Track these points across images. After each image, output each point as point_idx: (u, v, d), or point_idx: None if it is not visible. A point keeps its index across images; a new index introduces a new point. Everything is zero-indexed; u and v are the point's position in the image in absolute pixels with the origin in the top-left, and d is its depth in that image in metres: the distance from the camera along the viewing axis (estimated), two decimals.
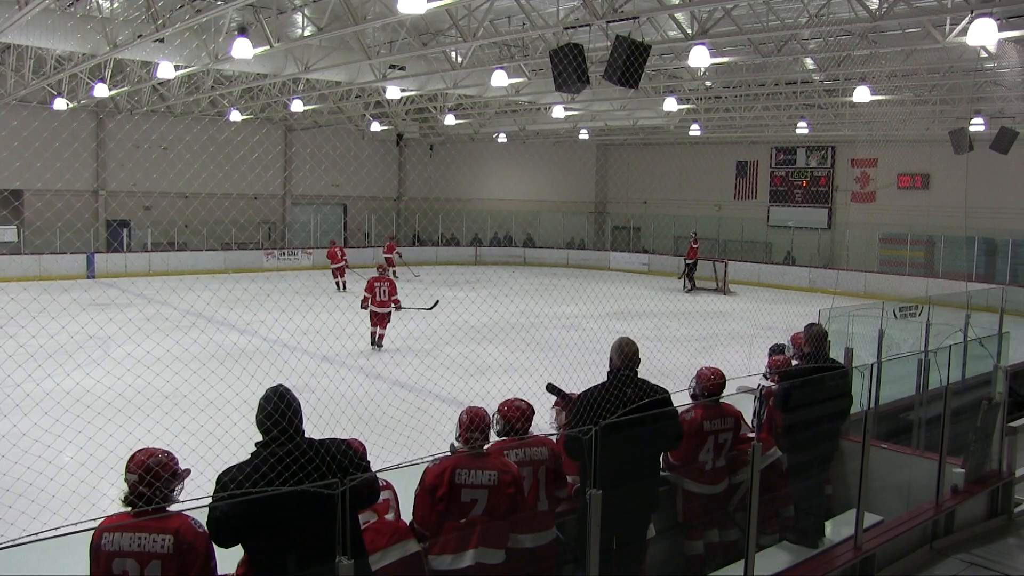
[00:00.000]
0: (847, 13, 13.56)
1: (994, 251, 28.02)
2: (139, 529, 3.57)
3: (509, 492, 4.51)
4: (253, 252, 33.06)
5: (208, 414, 8.71)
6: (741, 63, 18.22)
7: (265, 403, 3.84)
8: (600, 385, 5.05)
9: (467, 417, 4.68)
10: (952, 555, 6.13)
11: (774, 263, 32.91)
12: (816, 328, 6.50)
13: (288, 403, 3.82)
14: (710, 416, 5.81)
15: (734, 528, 5.85)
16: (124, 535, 3.55)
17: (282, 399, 3.82)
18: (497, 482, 4.49)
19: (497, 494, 4.48)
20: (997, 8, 11.82)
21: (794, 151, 34.32)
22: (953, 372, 7.34)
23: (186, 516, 3.67)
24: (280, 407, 3.79)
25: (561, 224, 39.55)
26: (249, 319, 18.01)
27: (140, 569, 3.53)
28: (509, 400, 5.12)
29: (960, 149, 19.44)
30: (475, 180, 39.34)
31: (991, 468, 6.92)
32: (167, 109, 28.32)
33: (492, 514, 4.46)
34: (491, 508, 4.46)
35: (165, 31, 14.31)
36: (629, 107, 26.12)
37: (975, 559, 6.08)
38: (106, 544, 3.54)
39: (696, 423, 5.75)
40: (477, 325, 16.49)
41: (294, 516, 3.63)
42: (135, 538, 3.55)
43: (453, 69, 18.77)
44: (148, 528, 3.58)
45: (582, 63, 11.36)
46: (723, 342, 16.92)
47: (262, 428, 3.83)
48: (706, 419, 5.78)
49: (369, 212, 37.72)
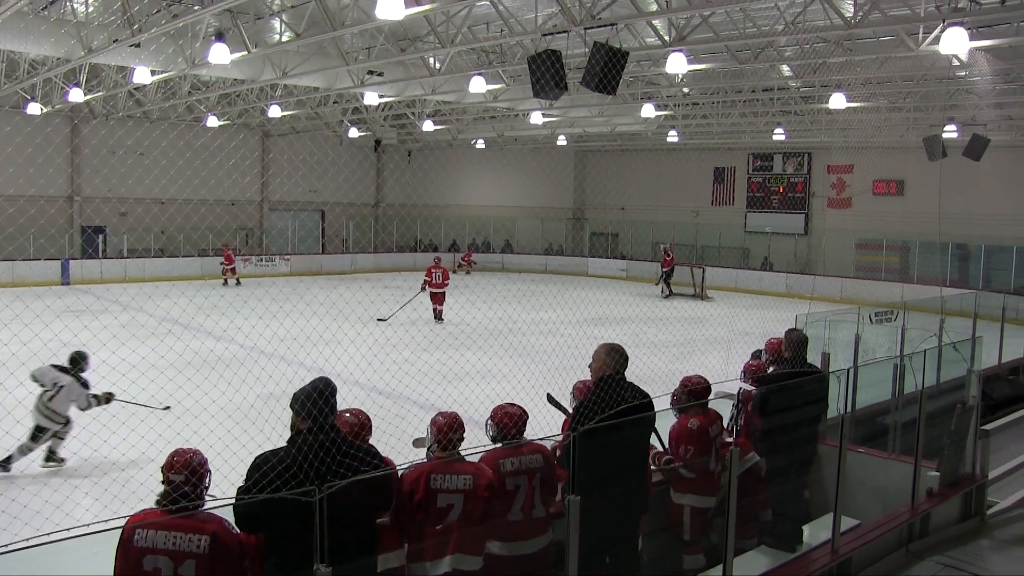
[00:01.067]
0: (823, 21, 13.70)
1: (967, 256, 28.35)
2: (175, 528, 3.63)
3: (484, 496, 4.49)
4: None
5: (184, 421, 8.65)
6: (718, 70, 18.33)
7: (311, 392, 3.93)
8: (597, 391, 5.01)
9: (443, 421, 4.67)
10: (927, 557, 6.18)
11: (751, 268, 33.11)
12: (796, 333, 6.54)
13: (327, 398, 3.93)
14: (711, 422, 5.87)
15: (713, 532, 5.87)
16: (159, 532, 3.61)
17: (327, 388, 3.95)
18: (472, 486, 4.47)
19: (473, 499, 4.45)
20: (968, 18, 12.01)
21: (771, 157, 34.55)
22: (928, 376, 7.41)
23: (222, 518, 3.74)
24: (325, 394, 3.91)
25: (539, 230, 39.60)
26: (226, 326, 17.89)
27: (174, 567, 3.58)
28: (501, 405, 5.07)
29: (934, 156, 19.65)
30: (453, 186, 39.31)
31: (965, 471, 6.99)
32: (143, 114, 28.10)
33: (468, 519, 4.45)
34: (467, 513, 4.44)
35: (141, 36, 14.21)
36: (607, 113, 26.22)
37: (949, 561, 6.14)
38: (139, 540, 3.59)
39: (704, 431, 5.79)
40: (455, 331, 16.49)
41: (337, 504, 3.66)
42: (171, 536, 3.60)
43: (431, 75, 18.77)
44: (185, 527, 3.63)
45: (560, 69, 11.40)
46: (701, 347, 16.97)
47: (299, 416, 3.93)
48: (709, 426, 5.85)
49: (347, 218, 37.61)
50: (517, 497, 4.69)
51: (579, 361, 8.40)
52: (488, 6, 14.27)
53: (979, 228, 27.09)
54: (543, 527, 4.81)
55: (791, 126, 26.68)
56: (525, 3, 14.60)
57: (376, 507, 4.14)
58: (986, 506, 7.06)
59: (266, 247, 35.34)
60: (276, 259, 33.83)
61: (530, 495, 4.73)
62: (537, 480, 4.77)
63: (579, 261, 37.57)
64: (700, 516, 5.78)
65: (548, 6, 13.89)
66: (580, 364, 5.45)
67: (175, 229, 30.93)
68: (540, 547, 4.76)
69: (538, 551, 4.75)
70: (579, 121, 28.45)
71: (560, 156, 39.11)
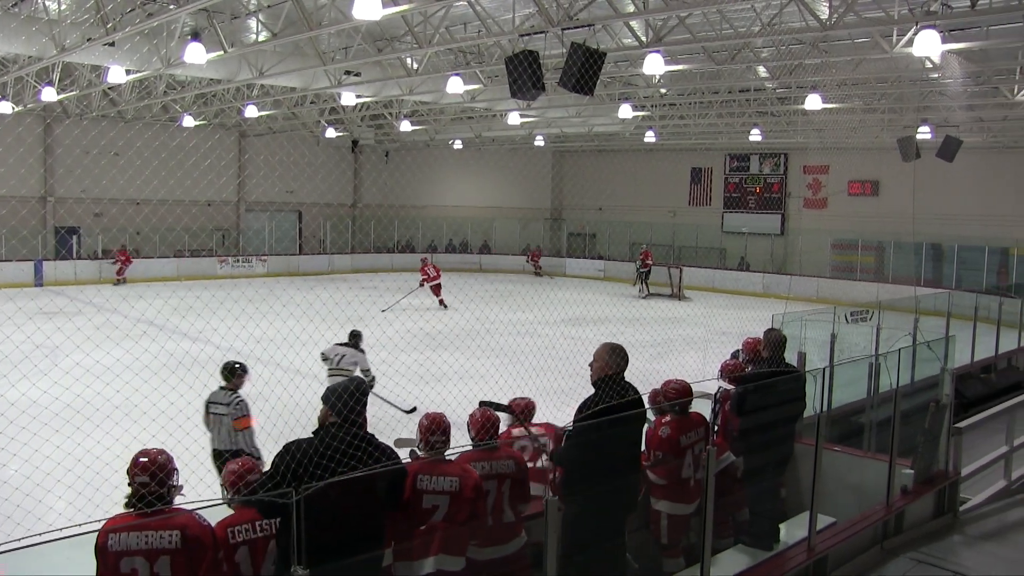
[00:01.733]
0: (798, 23, 13.78)
1: (941, 256, 28.66)
2: (145, 528, 3.70)
3: (469, 498, 4.50)
4: (206, 259, 32.64)
5: (160, 424, 8.57)
6: (695, 71, 18.40)
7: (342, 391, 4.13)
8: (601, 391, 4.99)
9: (427, 422, 4.70)
10: (901, 554, 6.23)
11: (728, 269, 33.29)
12: (774, 333, 6.58)
13: (359, 397, 4.13)
14: (684, 430, 5.81)
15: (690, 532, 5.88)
16: (131, 534, 3.67)
17: (359, 388, 4.18)
18: (459, 488, 4.49)
19: (458, 500, 4.47)
20: (940, 21, 12.15)
21: (747, 158, 34.75)
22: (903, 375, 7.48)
23: (190, 512, 3.82)
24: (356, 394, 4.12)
25: (517, 231, 39.60)
26: (202, 327, 17.75)
27: (149, 566, 3.65)
28: (477, 410, 5.14)
29: (908, 157, 19.86)
30: (431, 187, 39.25)
31: (938, 468, 7.07)
32: (118, 114, 27.82)
33: (452, 520, 4.46)
34: (451, 514, 4.46)
35: (115, 35, 14.06)
36: (584, 114, 26.25)
37: (923, 557, 6.20)
38: (112, 545, 3.64)
39: (674, 440, 5.75)
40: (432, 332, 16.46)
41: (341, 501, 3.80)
42: (142, 536, 3.67)
43: (409, 75, 18.71)
44: (154, 526, 3.71)
45: (537, 70, 11.41)
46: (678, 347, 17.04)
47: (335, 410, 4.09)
48: (681, 434, 5.79)
49: (324, 219, 37.46)
50: (488, 501, 4.71)
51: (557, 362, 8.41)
52: (465, 6, 14.25)
53: (952, 228, 27.41)
54: (515, 531, 4.83)
55: (767, 127, 26.84)
56: (502, 3, 14.60)
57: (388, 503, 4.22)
58: (959, 503, 7.14)
59: (242, 248, 35.11)
60: (253, 260, 33.63)
61: (499, 500, 4.75)
62: (507, 485, 4.79)
63: (557, 261, 37.60)
64: (678, 522, 5.78)
65: (525, 7, 13.88)
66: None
67: (150, 230, 30.67)
68: (514, 550, 4.78)
69: (511, 554, 4.76)
70: (557, 121, 28.47)
71: (538, 156, 39.13)
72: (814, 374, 6.51)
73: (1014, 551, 6.24)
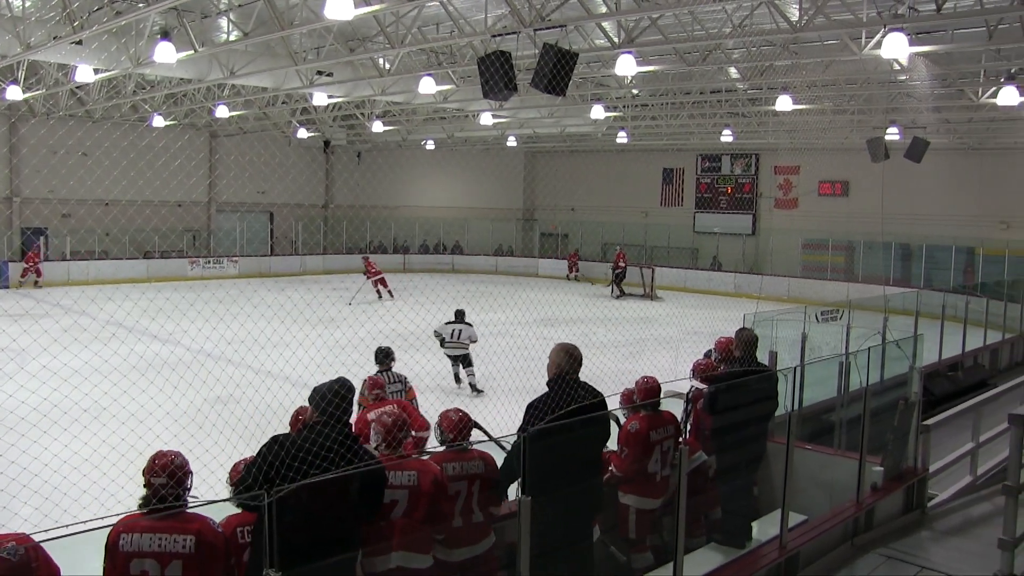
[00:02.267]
0: (769, 24, 13.89)
1: (910, 256, 28.99)
2: (159, 530, 3.67)
3: (428, 492, 4.51)
4: (177, 260, 32.32)
5: (130, 427, 8.48)
6: (667, 72, 18.49)
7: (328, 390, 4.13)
8: (552, 392, 5.04)
9: (389, 420, 4.81)
10: (871, 550, 6.30)
11: (700, 269, 33.46)
12: (746, 333, 6.63)
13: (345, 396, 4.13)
14: (654, 426, 5.87)
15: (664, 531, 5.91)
16: (144, 536, 3.64)
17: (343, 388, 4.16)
18: (416, 482, 4.51)
19: (416, 494, 4.49)
20: (907, 24, 12.31)
21: (719, 158, 34.95)
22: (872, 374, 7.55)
23: (205, 517, 3.79)
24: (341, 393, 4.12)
25: (489, 231, 39.57)
26: (172, 329, 17.59)
27: (161, 569, 3.62)
28: (446, 411, 5.16)
29: (877, 157, 20.12)
30: (403, 187, 39.13)
31: (907, 465, 7.15)
32: (86, 113, 27.49)
33: (412, 515, 4.48)
34: (411, 509, 4.48)
35: (83, 33, 13.89)
36: (557, 114, 26.30)
37: (892, 553, 6.26)
38: (124, 545, 3.61)
39: (643, 434, 5.81)
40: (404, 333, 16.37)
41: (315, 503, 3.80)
42: (156, 539, 3.64)
43: (381, 76, 18.65)
44: (169, 529, 3.68)
45: (510, 71, 11.42)
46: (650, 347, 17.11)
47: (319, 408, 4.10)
48: (651, 429, 5.85)
49: (295, 219, 37.22)
50: (458, 502, 4.72)
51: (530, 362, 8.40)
52: (438, 7, 14.22)
53: (920, 228, 27.77)
54: (484, 531, 4.84)
55: (739, 128, 27.02)
56: (475, 4, 14.58)
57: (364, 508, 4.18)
58: (927, 498, 7.23)
59: (213, 249, 34.81)
60: (224, 261, 33.34)
61: (469, 501, 4.76)
62: (477, 486, 4.80)
63: (529, 262, 37.63)
64: (645, 516, 5.82)
65: (498, 7, 13.88)
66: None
67: (119, 231, 30.31)
68: (483, 550, 4.79)
69: (481, 554, 4.77)
70: (529, 122, 28.50)
71: (510, 157, 39.14)
72: (785, 373, 6.55)
73: (979, 545, 6.32)
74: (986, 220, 27.06)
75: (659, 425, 5.90)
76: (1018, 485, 5.38)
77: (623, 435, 5.85)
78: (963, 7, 12.98)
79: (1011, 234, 26.52)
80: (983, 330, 16.06)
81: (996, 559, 5.37)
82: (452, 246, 39.75)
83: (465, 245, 39.78)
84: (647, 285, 29.19)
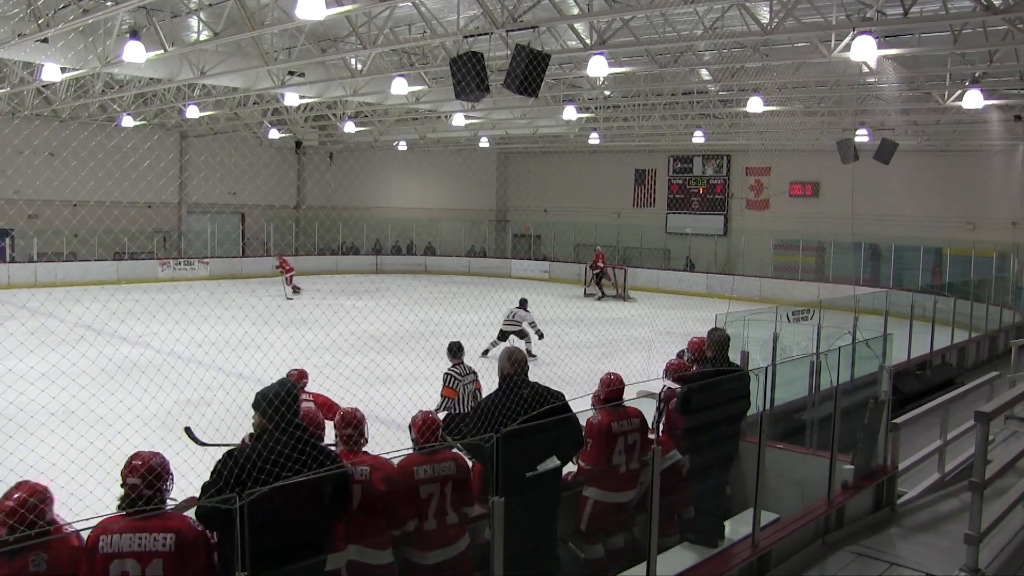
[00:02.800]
0: (740, 27, 13.99)
1: (879, 256, 29.33)
2: (139, 530, 3.65)
3: (379, 490, 4.54)
4: (147, 262, 31.98)
5: (98, 430, 8.38)
6: (639, 73, 18.57)
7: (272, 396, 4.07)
8: (496, 392, 5.16)
9: (341, 419, 4.88)
10: (842, 548, 6.36)
11: (672, 269, 33.62)
12: (718, 333, 6.66)
13: (283, 398, 4.04)
14: (616, 418, 5.90)
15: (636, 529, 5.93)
16: (123, 536, 3.62)
17: (283, 389, 4.09)
18: (368, 477, 4.56)
19: (371, 488, 4.52)
20: (876, 27, 12.47)
21: (691, 159, 35.14)
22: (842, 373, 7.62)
23: (184, 516, 3.78)
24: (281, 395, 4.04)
25: (462, 232, 39.54)
26: (141, 331, 17.40)
27: (141, 569, 3.61)
28: (418, 413, 5.19)
29: (847, 159, 20.33)
30: (375, 188, 38.98)
31: (877, 463, 7.23)
32: (53, 113, 27.13)
33: (367, 511, 4.50)
34: (365, 503, 4.50)
35: (48, 31, 13.70)
36: (529, 116, 26.33)
37: (863, 550, 6.33)
38: (104, 547, 3.59)
39: (604, 426, 5.85)
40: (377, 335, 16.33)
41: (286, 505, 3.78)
42: (135, 538, 3.62)
43: (353, 76, 18.59)
44: (149, 528, 3.67)
45: (482, 71, 11.42)
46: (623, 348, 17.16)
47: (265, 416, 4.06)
48: (613, 421, 5.88)
49: (267, 221, 36.94)
50: (431, 505, 4.72)
51: None
52: (410, 7, 14.20)
53: (889, 229, 28.10)
54: (460, 532, 4.85)
55: (710, 129, 27.18)
56: (447, 5, 14.56)
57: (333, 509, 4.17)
58: (896, 496, 7.32)
59: (184, 250, 34.49)
60: (195, 262, 33.05)
61: (442, 502, 4.77)
62: (449, 487, 4.81)
63: (502, 263, 37.62)
64: (602, 509, 5.82)
65: (470, 8, 13.88)
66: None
67: (87, 232, 29.91)
68: (459, 551, 4.80)
69: (457, 555, 4.79)
70: (501, 123, 28.51)
71: (482, 158, 39.12)
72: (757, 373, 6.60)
73: (947, 540, 6.41)
74: (953, 221, 27.42)
75: (622, 418, 5.94)
76: (983, 481, 5.46)
77: (586, 429, 5.90)
78: (928, 11, 13.17)
79: (977, 235, 26.89)
80: (950, 329, 16.25)
81: (963, 554, 5.45)
82: (425, 247, 39.65)
83: (438, 246, 39.70)
84: (620, 286, 29.29)
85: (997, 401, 6.52)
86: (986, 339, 17.52)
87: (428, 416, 5.14)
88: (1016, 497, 6.24)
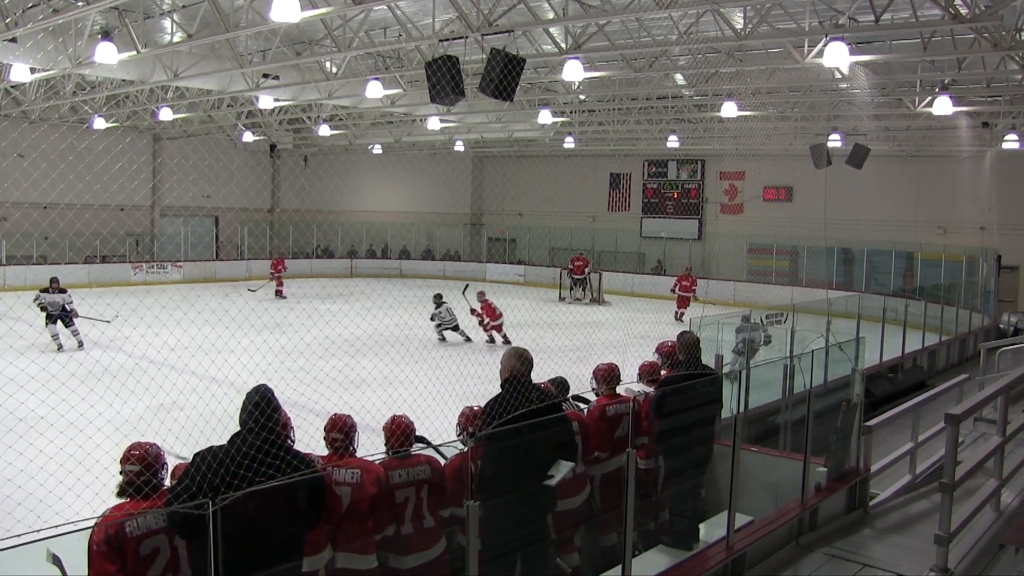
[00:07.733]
0: (714, 32, 14.08)
1: (851, 260, 29.59)
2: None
3: (371, 492, 4.53)
4: (119, 265, 31.63)
5: (68, 436, 8.27)
6: (614, 78, 18.64)
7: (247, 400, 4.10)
8: (506, 393, 5.13)
9: (329, 424, 4.88)
10: (815, 549, 6.41)
11: (647, 273, 33.73)
12: (688, 335, 6.69)
13: (269, 401, 4.07)
14: (612, 401, 6.22)
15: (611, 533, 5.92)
16: (149, 516, 3.76)
17: (263, 398, 4.08)
18: (360, 480, 4.55)
19: (358, 491, 4.52)
20: (848, 33, 12.61)
21: (665, 164, 35.31)
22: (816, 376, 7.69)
23: None
24: (261, 404, 4.04)
25: (437, 236, 39.48)
26: (113, 335, 17.22)
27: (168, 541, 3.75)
28: (391, 417, 5.20)
29: (820, 164, 20.52)
30: (350, 192, 38.82)
31: (850, 465, 7.30)
32: (22, 114, 26.77)
33: (354, 514, 4.50)
34: (353, 506, 4.50)
35: (16, 30, 13.52)
36: (504, 119, 26.35)
37: (836, 552, 6.38)
38: (132, 531, 3.69)
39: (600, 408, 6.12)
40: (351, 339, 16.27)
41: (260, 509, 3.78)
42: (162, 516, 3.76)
43: (327, 79, 18.51)
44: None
45: (457, 75, 11.42)
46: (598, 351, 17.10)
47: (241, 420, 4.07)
48: (609, 404, 6.16)
49: (241, 224, 36.67)
50: (407, 509, 4.71)
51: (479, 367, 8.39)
52: (385, 10, 14.17)
53: (862, 233, 28.39)
54: (436, 536, 4.85)
55: (685, 133, 27.29)
56: (423, 8, 14.55)
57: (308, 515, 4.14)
58: (869, 497, 7.39)
59: (157, 254, 34.19)
60: (168, 266, 32.76)
61: (419, 506, 4.77)
62: (425, 491, 4.82)
63: (477, 267, 37.52)
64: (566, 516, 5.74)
65: (446, 12, 13.86)
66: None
67: (58, 235, 29.53)
68: (436, 555, 4.80)
69: (435, 559, 4.79)
70: (477, 127, 28.50)
71: (458, 162, 39.09)
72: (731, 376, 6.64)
73: (918, 541, 6.48)
74: (924, 225, 27.73)
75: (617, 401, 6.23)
76: (953, 482, 5.53)
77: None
78: (899, 19, 13.33)
79: (948, 239, 27.19)
80: (922, 332, 16.45)
81: (933, 554, 5.51)
82: (399, 251, 39.55)
83: (413, 250, 39.62)
84: (594, 290, 29.34)
85: (966, 403, 6.60)
86: (956, 342, 17.76)
87: (401, 420, 5.13)
88: (984, 498, 6.31)
